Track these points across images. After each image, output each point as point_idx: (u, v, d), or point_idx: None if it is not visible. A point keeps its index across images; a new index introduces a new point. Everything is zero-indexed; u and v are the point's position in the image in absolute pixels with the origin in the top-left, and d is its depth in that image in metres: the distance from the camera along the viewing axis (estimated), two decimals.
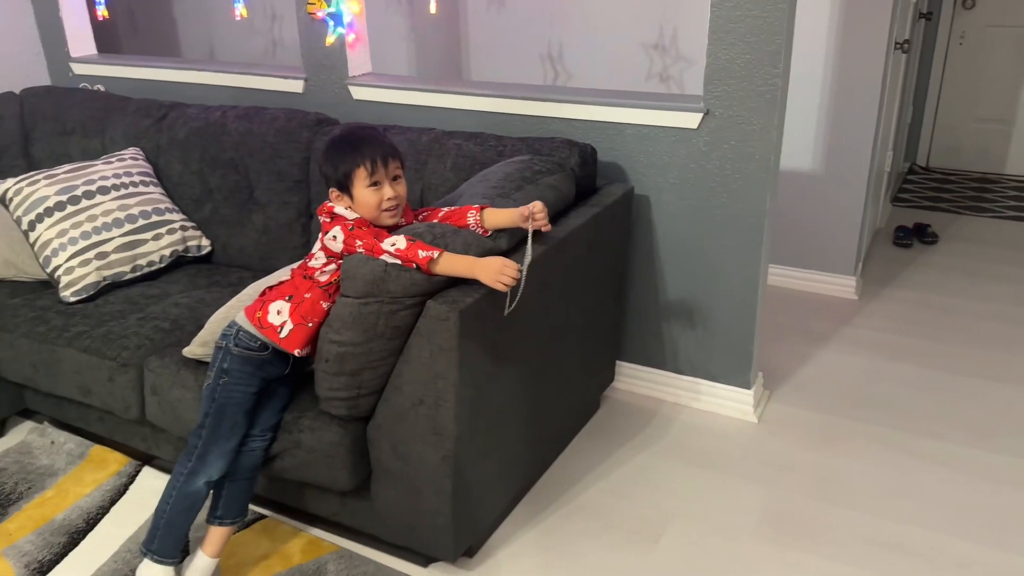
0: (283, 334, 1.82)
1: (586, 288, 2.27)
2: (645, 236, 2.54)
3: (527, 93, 2.57)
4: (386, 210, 1.83)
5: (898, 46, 3.36)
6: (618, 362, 2.74)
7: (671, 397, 2.69)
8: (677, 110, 2.34)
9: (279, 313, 1.83)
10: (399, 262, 1.70)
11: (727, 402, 2.61)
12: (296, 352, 1.84)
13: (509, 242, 1.90)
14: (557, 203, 2.13)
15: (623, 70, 3.58)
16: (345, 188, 1.83)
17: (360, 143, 1.83)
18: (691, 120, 2.33)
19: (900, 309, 3.32)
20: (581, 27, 3.64)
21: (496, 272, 1.69)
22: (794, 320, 3.23)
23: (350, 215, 1.83)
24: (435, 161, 2.39)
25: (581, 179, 2.28)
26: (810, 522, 2.14)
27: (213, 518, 1.90)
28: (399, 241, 1.72)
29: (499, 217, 1.86)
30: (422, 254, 1.69)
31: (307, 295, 1.84)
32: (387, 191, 1.82)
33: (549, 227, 1.86)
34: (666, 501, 2.23)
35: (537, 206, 1.81)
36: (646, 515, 2.18)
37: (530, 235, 1.79)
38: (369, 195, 1.81)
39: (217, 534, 1.90)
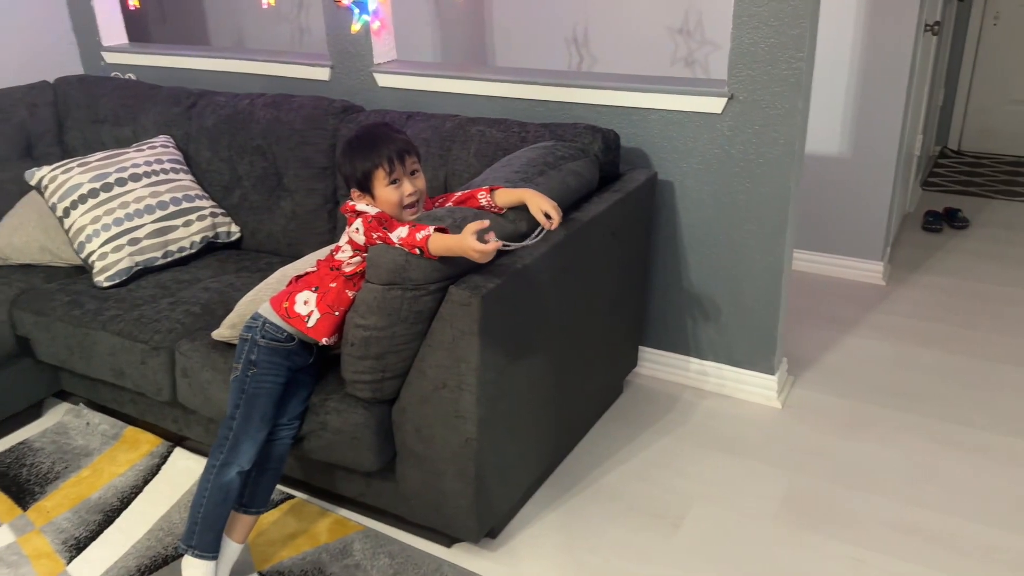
0: (310, 323, 1.86)
1: (609, 273, 2.28)
2: (668, 221, 2.54)
3: (550, 79, 2.57)
4: (407, 206, 1.87)
5: (928, 28, 3.30)
6: (641, 347, 2.75)
7: (694, 382, 2.70)
8: (701, 95, 2.33)
9: (306, 303, 1.87)
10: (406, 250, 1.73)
11: (750, 387, 2.61)
12: (323, 340, 1.87)
13: (529, 225, 1.91)
14: (580, 189, 2.14)
15: (648, 54, 3.57)
16: (366, 188, 1.88)
17: (375, 143, 1.86)
18: (715, 105, 2.32)
19: (928, 295, 3.29)
20: (607, 11, 3.63)
21: (476, 251, 1.65)
22: (819, 305, 3.21)
23: (372, 210, 1.87)
24: (459, 147, 2.40)
25: (604, 165, 2.28)
26: (833, 507, 2.14)
27: (239, 506, 1.93)
28: (402, 231, 1.74)
29: (510, 196, 1.90)
30: (419, 236, 1.70)
31: (332, 284, 1.87)
32: (407, 187, 1.86)
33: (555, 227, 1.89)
34: (688, 485, 2.25)
35: (558, 211, 1.87)
36: (668, 498, 2.20)
37: (540, 233, 1.87)
38: (390, 193, 1.85)
39: (243, 521, 1.94)
